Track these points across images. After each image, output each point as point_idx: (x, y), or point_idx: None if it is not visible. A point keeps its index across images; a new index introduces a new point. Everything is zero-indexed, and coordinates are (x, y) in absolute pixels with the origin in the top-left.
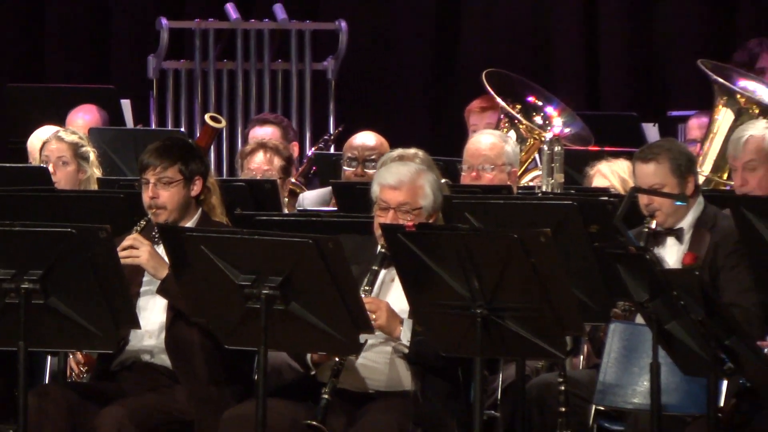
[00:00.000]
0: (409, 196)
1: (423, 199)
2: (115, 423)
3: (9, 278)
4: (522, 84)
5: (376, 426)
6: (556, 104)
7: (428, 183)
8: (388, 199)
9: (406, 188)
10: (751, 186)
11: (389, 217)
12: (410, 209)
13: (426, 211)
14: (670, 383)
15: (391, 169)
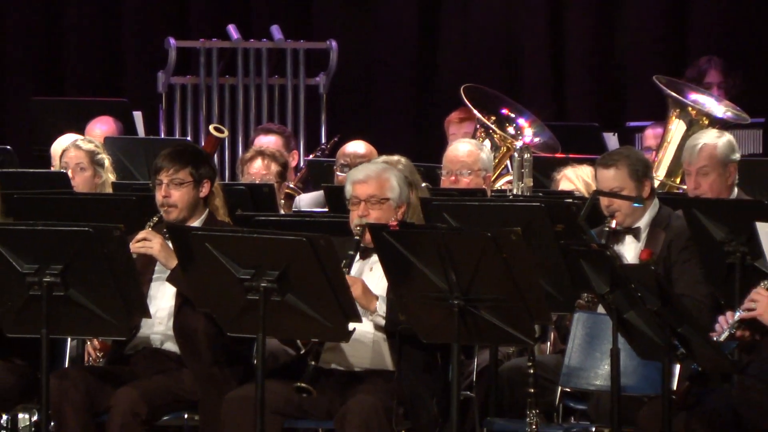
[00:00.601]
0: (376, 189)
1: (390, 191)
2: (128, 402)
3: (32, 272)
4: (496, 97)
5: (364, 406)
6: (527, 116)
7: (394, 177)
8: (358, 193)
9: (373, 181)
10: (704, 189)
11: (360, 209)
12: (378, 200)
13: (394, 202)
14: (628, 367)
15: (359, 168)
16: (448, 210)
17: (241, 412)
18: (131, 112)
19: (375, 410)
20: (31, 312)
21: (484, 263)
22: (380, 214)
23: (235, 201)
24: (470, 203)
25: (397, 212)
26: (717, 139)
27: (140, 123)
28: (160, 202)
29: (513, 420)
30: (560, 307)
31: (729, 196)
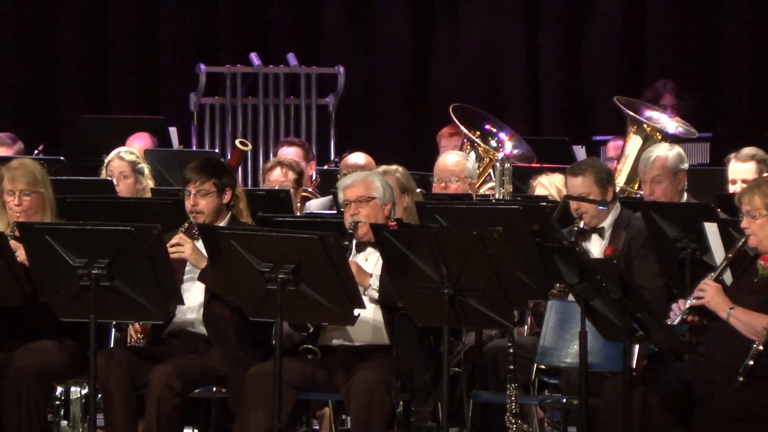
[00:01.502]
0: (363, 190)
1: (375, 191)
2: (164, 377)
3: (82, 266)
4: (480, 115)
5: (366, 379)
6: (507, 131)
7: (377, 179)
8: (348, 196)
9: (360, 184)
10: (657, 195)
11: (351, 208)
12: (365, 199)
13: (379, 200)
14: (594, 347)
15: (348, 176)
16: (439, 212)
17: (262, 386)
18: (167, 128)
19: (376, 384)
20: (81, 300)
21: (470, 258)
22: (369, 210)
23: (257, 204)
24: (458, 206)
25: (384, 209)
26: (668, 152)
27: (175, 137)
28: (189, 209)
29: (495, 392)
30: (536, 296)
31: (680, 200)
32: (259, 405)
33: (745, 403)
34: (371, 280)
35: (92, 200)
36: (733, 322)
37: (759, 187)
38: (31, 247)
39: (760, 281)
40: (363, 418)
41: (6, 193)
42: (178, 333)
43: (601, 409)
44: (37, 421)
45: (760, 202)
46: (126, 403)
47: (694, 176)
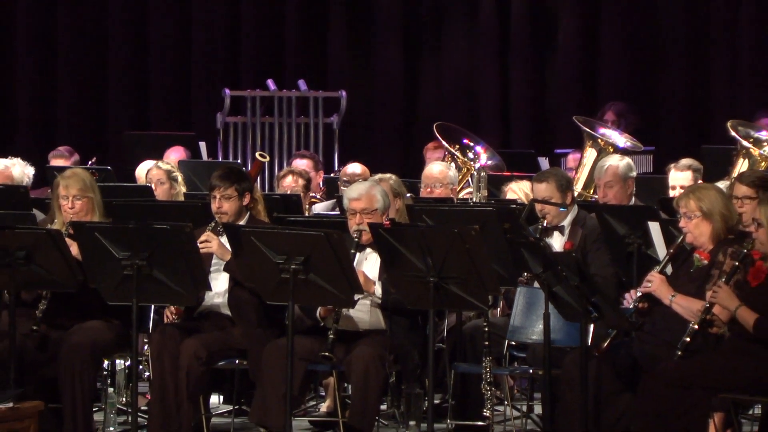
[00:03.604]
0: (366, 203)
1: (376, 203)
2: (192, 348)
3: (126, 258)
4: (460, 131)
5: (365, 354)
6: (482, 145)
7: (378, 193)
8: (354, 207)
9: (364, 198)
10: (609, 198)
11: (356, 218)
12: (369, 211)
13: (380, 210)
14: (556, 326)
15: (353, 187)
16: (426, 213)
17: (277, 359)
18: (198, 142)
19: (373, 357)
20: (125, 286)
21: (452, 251)
22: (371, 219)
23: (273, 206)
24: (442, 208)
25: (383, 217)
26: (619, 161)
27: (204, 150)
28: (215, 210)
29: (473, 364)
30: (507, 283)
31: (628, 203)
32: (274, 375)
33: (682, 373)
34: (375, 287)
35: (134, 203)
36: (675, 307)
37: (694, 192)
38: (82, 243)
39: (695, 271)
40: (361, 386)
41: (61, 198)
42: (207, 314)
43: (561, 378)
44: (88, 388)
45: (695, 205)
46: (163, 371)
47: (641, 183)
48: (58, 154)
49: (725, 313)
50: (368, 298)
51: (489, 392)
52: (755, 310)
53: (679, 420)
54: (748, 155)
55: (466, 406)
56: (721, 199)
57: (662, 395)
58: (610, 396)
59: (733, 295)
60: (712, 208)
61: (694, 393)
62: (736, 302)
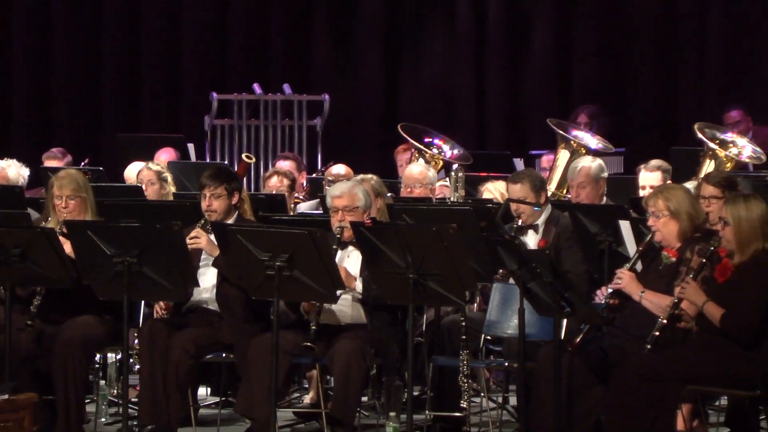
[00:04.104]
0: (348, 201)
1: (358, 201)
2: (181, 343)
3: (117, 255)
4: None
5: (346, 347)
6: (440, 137)
7: (360, 191)
8: (336, 204)
9: (347, 196)
10: (582, 198)
11: (339, 215)
12: (351, 208)
13: (361, 209)
14: (530, 320)
15: (336, 186)
16: (405, 212)
17: (262, 352)
18: (186, 144)
19: (354, 351)
20: (116, 283)
21: (431, 249)
22: (353, 217)
23: (258, 205)
24: (421, 207)
25: (364, 215)
26: (591, 163)
27: (192, 152)
28: (204, 208)
29: (450, 357)
30: (483, 279)
31: (600, 202)
32: (260, 368)
33: (651, 366)
34: (356, 282)
35: (125, 203)
36: (645, 303)
37: (662, 192)
38: (76, 241)
39: (664, 268)
40: (343, 378)
41: (55, 198)
42: (195, 309)
43: (535, 371)
44: (80, 381)
45: (663, 205)
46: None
47: (612, 183)
48: (52, 156)
49: (693, 308)
50: (350, 293)
51: (466, 384)
52: (721, 306)
53: (649, 411)
54: (714, 156)
55: (444, 397)
56: (688, 199)
57: (632, 387)
58: (582, 388)
59: (700, 291)
60: (679, 207)
61: (663, 385)
62: (704, 298)
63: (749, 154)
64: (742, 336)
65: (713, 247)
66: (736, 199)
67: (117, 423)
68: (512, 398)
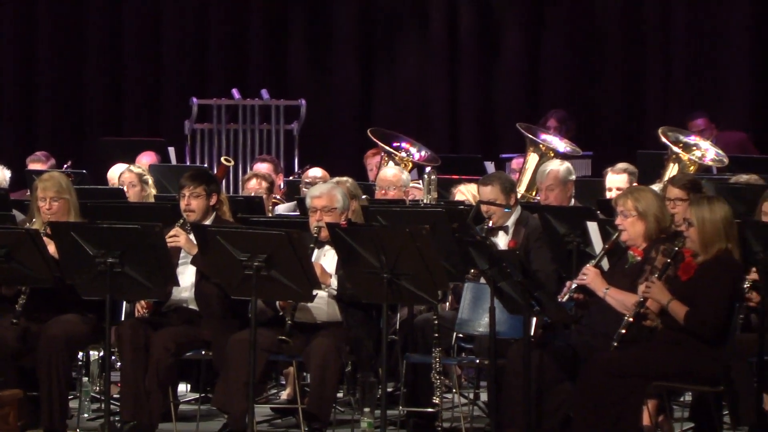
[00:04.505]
0: (327, 201)
1: (336, 202)
2: (162, 341)
3: (100, 255)
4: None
5: (322, 345)
6: (407, 140)
7: (339, 193)
8: (315, 205)
9: (325, 196)
10: (550, 200)
11: (317, 215)
12: (329, 210)
13: (339, 210)
14: (501, 318)
15: (316, 187)
16: (380, 214)
17: (240, 349)
18: (167, 147)
19: (330, 348)
20: (99, 282)
21: (404, 249)
22: (331, 218)
23: (237, 207)
24: (395, 209)
25: (342, 216)
26: (560, 166)
27: (173, 155)
28: (183, 208)
29: (423, 355)
30: (455, 279)
31: (568, 204)
32: (238, 364)
33: (618, 363)
34: (331, 279)
35: (108, 204)
36: (609, 300)
37: (632, 193)
38: (59, 242)
39: (629, 267)
40: (319, 375)
41: (39, 200)
42: (175, 309)
43: (506, 368)
44: (64, 377)
45: (632, 205)
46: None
47: (579, 185)
48: (36, 159)
49: (657, 306)
50: (325, 290)
51: (438, 381)
52: (685, 304)
53: (616, 406)
54: (678, 160)
55: (417, 393)
56: (657, 202)
57: (600, 383)
58: (551, 384)
59: (665, 290)
60: (647, 208)
61: (629, 381)
62: (668, 296)
63: (712, 157)
64: (705, 333)
65: (678, 247)
66: (701, 201)
67: (99, 419)
68: (483, 394)
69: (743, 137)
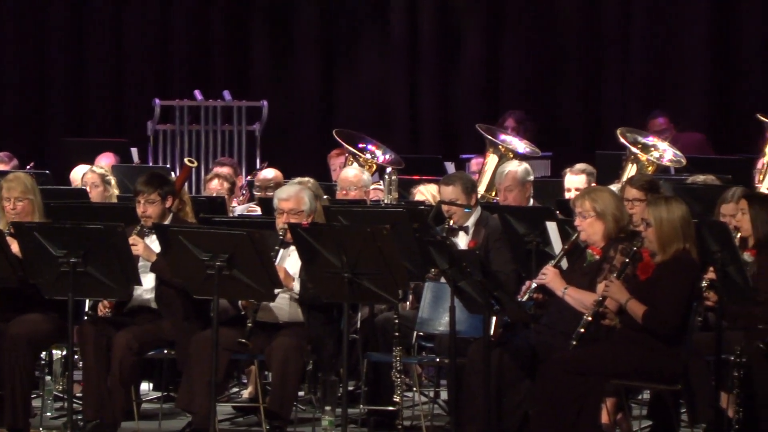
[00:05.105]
0: (294, 204)
1: (303, 205)
2: (125, 341)
3: (63, 255)
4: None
5: (284, 344)
6: (373, 143)
7: (306, 195)
8: (282, 207)
9: (293, 199)
10: (509, 200)
11: (284, 217)
12: (296, 212)
13: (306, 212)
14: (461, 318)
15: (283, 189)
16: (341, 214)
17: (203, 349)
18: (129, 148)
19: (291, 347)
20: (62, 282)
21: (365, 249)
22: (297, 219)
23: (200, 208)
24: (356, 209)
25: (308, 218)
26: (518, 167)
27: (135, 156)
28: (140, 214)
29: (384, 354)
30: (415, 278)
31: (527, 204)
32: (200, 363)
33: (577, 362)
34: (294, 283)
35: (71, 205)
36: (567, 299)
37: (589, 193)
38: (23, 241)
39: (588, 266)
40: (281, 374)
41: (4, 200)
42: (137, 308)
43: (466, 367)
44: (27, 376)
45: (590, 206)
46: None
47: (539, 186)
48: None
49: (616, 305)
50: (287, 292)
51: (399, 379)
52: (644, 303)
53: (575, 404)
54: (636, 160)
55: (378, 392)
56: (614, 201)
57: (559, 382)
58: (511, 383)
59: (623, 290)
60: (605, 209)
61: (588, 380)
62: (627, 295)
63: (670, 157)
64: (663, 332)
65: (636, 247)
66: (658, 201)
67: (62, 417)
68: (443, 393)
69: (701, 138)
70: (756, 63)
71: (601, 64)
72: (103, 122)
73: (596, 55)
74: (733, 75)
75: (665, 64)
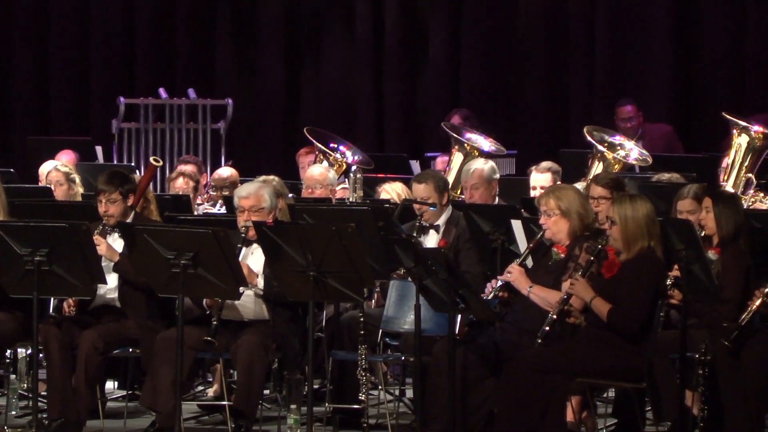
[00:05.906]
0: (254, 201)
1: (264, 202)
2: (90, 340)
3: (27, 254)
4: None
5: (249, 342)
6: (345, 144)
7: (266, 193)
8: (243, 205)
9: (253, 197)
10: (475, 198)
11: (245, 215)
12: (256, 209)
13: (267, 209)
14: (426, 316)
15: (243, 187)
16: (306, 212)
17: (167, 347)
18: (94, 146)
19: (257, 346)
20: (26, 280)
21: (330, 247)
22: (258, 217)
23: (164, 206)
24: (321, 207)
25: (269, 215)
26: (484, 165)
27: (100, 154)
28: (102, 213)
29: (350, 352)
30: (381, 276)
31: (493, 202)
32: (165, 362)
33: (542, 360)
34: (258, 279)
35: (35, 203)
36: (533, 297)
37: (554, 192)
38: None
39: (553, 264)
40: (246, 372)
41: None
42: (102, 306)
43: (431, 365)
44: None
45: (554, 204)
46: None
47: (504, 184)
48: None
49: (581, 303)
50: (252, 289)
51: (364, 378)
52: (609, 301)
53: (540, 402)
54: (602, 158)
55: (344, 390)
56: (579, 199)
57: (524, 380)
58: (476, 381)
59: (588, 288)
60: (570, 207)
61: (553, 377)
62: (591, 293)
63: (636, 156)
64: (628, 330)
65: (601, 245)
66: (623, 199)
67: (27, 416)
68: (409, 391)
69: (669, 130)
70: (720, 61)
71: (566, 61)
72: (67, 120)
73: (560, 53)
74: (698, 73)
75: (630, 62)
